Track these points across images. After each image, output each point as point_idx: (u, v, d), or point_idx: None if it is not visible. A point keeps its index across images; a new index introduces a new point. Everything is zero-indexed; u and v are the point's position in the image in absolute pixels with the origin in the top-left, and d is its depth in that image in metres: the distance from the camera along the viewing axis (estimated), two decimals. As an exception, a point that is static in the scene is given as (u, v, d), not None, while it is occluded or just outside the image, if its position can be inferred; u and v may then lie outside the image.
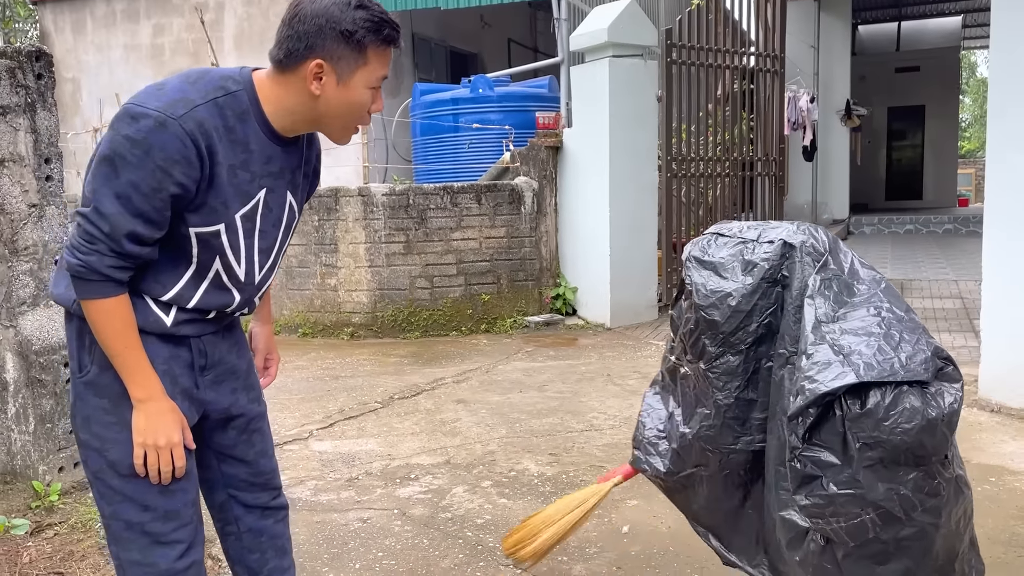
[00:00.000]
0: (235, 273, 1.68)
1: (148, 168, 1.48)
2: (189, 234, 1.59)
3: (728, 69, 7.41)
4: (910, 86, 17.98)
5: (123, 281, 1.55)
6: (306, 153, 1.79)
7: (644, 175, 6.91)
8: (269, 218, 1.69)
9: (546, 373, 5.32)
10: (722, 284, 1.91)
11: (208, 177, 1.55)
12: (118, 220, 1.49)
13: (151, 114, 1.49)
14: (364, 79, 1.59)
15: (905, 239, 12.87)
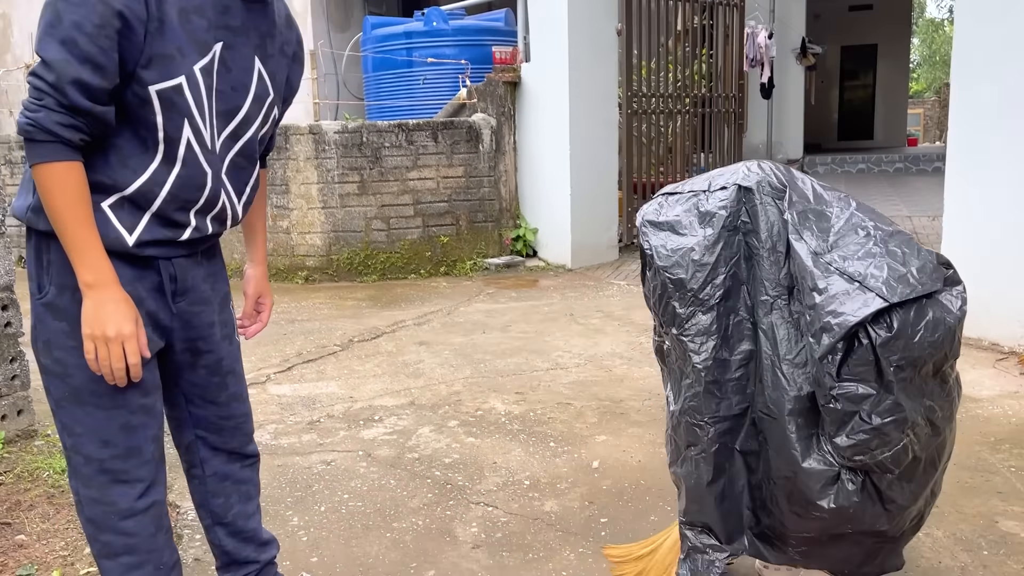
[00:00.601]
0: (204, 140, 1.53)
1: (90, 3, 1.35)
2: (150, 96, 1.44)
3: (688, 2, 7.26)
4: (863, 25, 17.98)
5: (74, 143, 1.41)
6: (281, 27, 1.65)
7: (604, 112, 6.78)
8: (227, 79, 1.54)
9: (509, 314, 5.24)
10: (681, 241, 1.82)
11: (157, 18, 1.41)
12: (63, 67, 1.36)
13: None
14: None
15: (858, 178, 12.99)
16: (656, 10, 7.10)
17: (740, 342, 1.80)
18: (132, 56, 1.41)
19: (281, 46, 1.66)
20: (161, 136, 1.48)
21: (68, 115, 1.38)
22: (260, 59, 1.60)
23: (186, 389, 1.72)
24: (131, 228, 1.51)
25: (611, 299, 5.57)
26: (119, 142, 1.48)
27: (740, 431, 1.83)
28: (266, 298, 1.91)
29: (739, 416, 1.82)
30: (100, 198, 1.49)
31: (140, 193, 1.50)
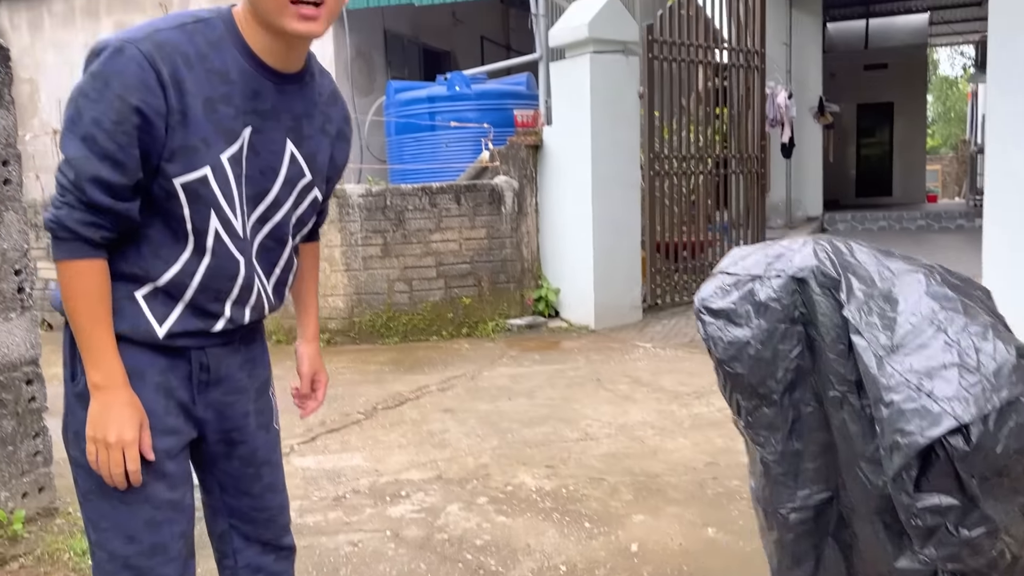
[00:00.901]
0: (235, 229, 1.48)
1: (107, 100, 1.33)
2: (175, 189, 1.40)
3: (709, 65, 7.30)
4: (878, 83, 18.11)
5: (95, 242, 1.39)
6: (322, 105, 1.59)
7: (627, 173, 6.77)
8: (256, 163, 1.48)
9: (534, 379, 5.15)
10: (738, 332, 1.72)
11: (179, 111, 1.37)
12: (82, 164, 1.34)
13: (110, 43, 1.35)
14: None
15: (879, 236, 12.91)
16: (677, 73, 7.14)
17: (814, 431, 1.69)
18: (155, 150, 1.38)
19: (322, 125, 1.60)
20: (189, 228, 1.44)
21: (88, 213, 1.36)
22: (293, 141, 1.54)
23: (220, 478, 1.65)
24: (163, 319, 1.47)
25: (638, 363, 5.47)
26: (150, 233, 1.45)
27: (830, 518, 1.73)
28: (321, 375, 1.84)
29: (826, 503, 1.72)
30: (133, 288, 1.46)
31: (172, 284, 1.46)
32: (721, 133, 7.53)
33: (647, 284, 7.03)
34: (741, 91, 7.57)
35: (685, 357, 5.59)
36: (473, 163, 7.32)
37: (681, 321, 6.79)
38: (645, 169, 6.93)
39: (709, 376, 5.02)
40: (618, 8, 6.64)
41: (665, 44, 6.93)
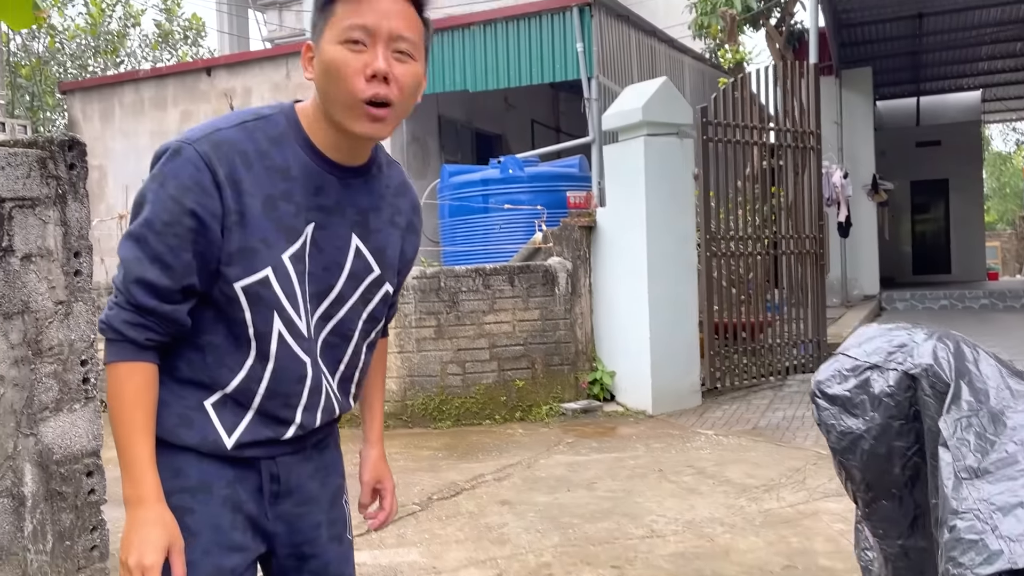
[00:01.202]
0: (299, 329, 1.42)
1: (162, 200, 1.31)
2: (236, 293, 1.36)
3: (764, 146, 7.26)
4: (932, 160, 17.91)
5: (141, 344, 1.34)
6: (390, 197, 1.53)
7: (683, 254, 6.68)
8: (319, 259, 1.43)
9: (592, 468, 4.99)
10: (852, 424, 1.65)
11: (236, 212, 1.33)
12: (131, 266, 1.33)
13: (170, 145, 1.35)
14: (332, 34, 1.33)
15: (942, 316, 12.54)
16: (732, 154, 7.11)
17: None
18: (212, 254, 1.34)
19: (391, 217, 1.54)
20: (251, 332, 1.39)
21: (135, 314, 1.34)
22: (359, 236, 1.48)
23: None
24: (232, 428, 1.42)
25: (701, 452, 5.27)
26: (215, 340, 1.41)
27: None
28: (386, 482, 1.73)
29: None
30: (203, 396, 1.42)
31: (239, 391, 1.41)
32: (777, 213, 7.43)
33: (705, 367, 6.86)
34: (797, 171, 7.49)
35: (750, 446, 5.38)
36: (526, 244, 7.31)
37: (742, 407, 6.58)
38: (701, 249, 6.84)
39: (777, 467, 4.82)
40: (671, 92, 6.67)
41: (720, 126, 6.92)
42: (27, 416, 2.93)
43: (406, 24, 1.35)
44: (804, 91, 7.54)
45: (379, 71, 1.32)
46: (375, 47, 1.33)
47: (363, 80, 1.32)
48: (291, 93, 9.31)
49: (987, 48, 15.23)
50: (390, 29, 1.33)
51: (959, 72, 16.83)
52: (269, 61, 9.35)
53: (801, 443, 5.37)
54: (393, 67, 1.34)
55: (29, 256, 2.90)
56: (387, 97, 1.34)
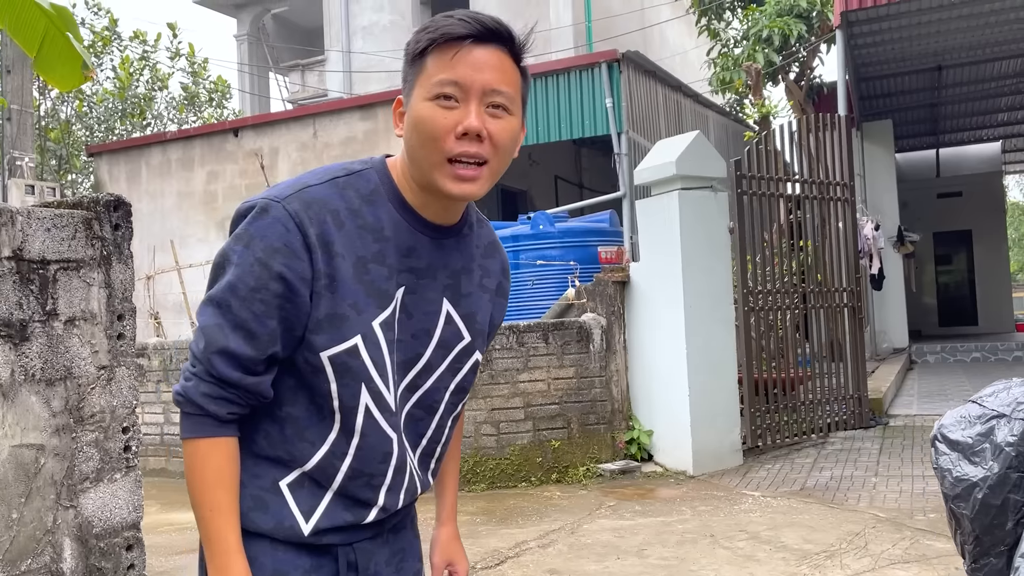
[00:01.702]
0: (386, 402, 1.30)
1: (247, 263, 1.21)
2: (322, 363, 1.25)
3: (799, 198, 7.16)
4: (954, 211, 17.80)
5: (222, 419, 1.24)
6: (480, 258, 1.42)
7: (720, 309, 6.54)
8: (408, 326, 1.32)
9: (640, 533, 4.78)
10: (969, 471, 1.58)
11: (327, 275, 1.22)
12: (212, 334, 1.22)
13: (256, 203, 1.24)
14: (422, 90, 1.23)
15: (975, 368, 12.27)
16: (767, 207, 7.02)
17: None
18: (299, 321, 1.24)
19: (481, 280, 1.43)
20: (336, 404, 1.28)
21: (216, 386, 1.23)
22: (450, 300, 1.37)
23: None
24: (309, 513, 1.30)
25: (751, 515, 5.05)
26: (295, 412, 1.29)
27: None
28: (459, 564, 1.60)
29: None
30: (279, 475, 1.29)
31: (320, 468, 1.29)
32: (814, 265, 7.30)
33: (746, 425, 6.65)
34: (831, 223, 7.38)
35: (801, 508, 5.15)
36: (558, 300, 7.19)
37: (786, 466, 6.35)
38: (739, 304, 6.70)
39: (834, 531, 4.60)
40: (704, 145, 6.61)
41: (754, 179, 6.84)
42: (67, 487, 2.80)
43: (501, 77, 1.25)
44: (835, 142, 7.47)
45: (471, 129, 1.22)
46: (468, 103, 1.23)
47: (453, 138, 1.22)
48: (318, 152, 9.37)
49: (1007, 99, 15.23)
50: (484, 83, 1.23)
51: (979, 123, 16.81)
52: (296, 121, 9.42)
53: (855, 505, 5.14)
54: (487, 123, 1.23)
55: (73, 320, 2.81)
56: (479, 155, 1.23)
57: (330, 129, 9.23)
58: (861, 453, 6.52)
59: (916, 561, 4.03)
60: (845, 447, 6.80)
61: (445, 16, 1.27)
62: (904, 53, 11.95)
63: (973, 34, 11.30)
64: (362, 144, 8.99)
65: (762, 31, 10.73)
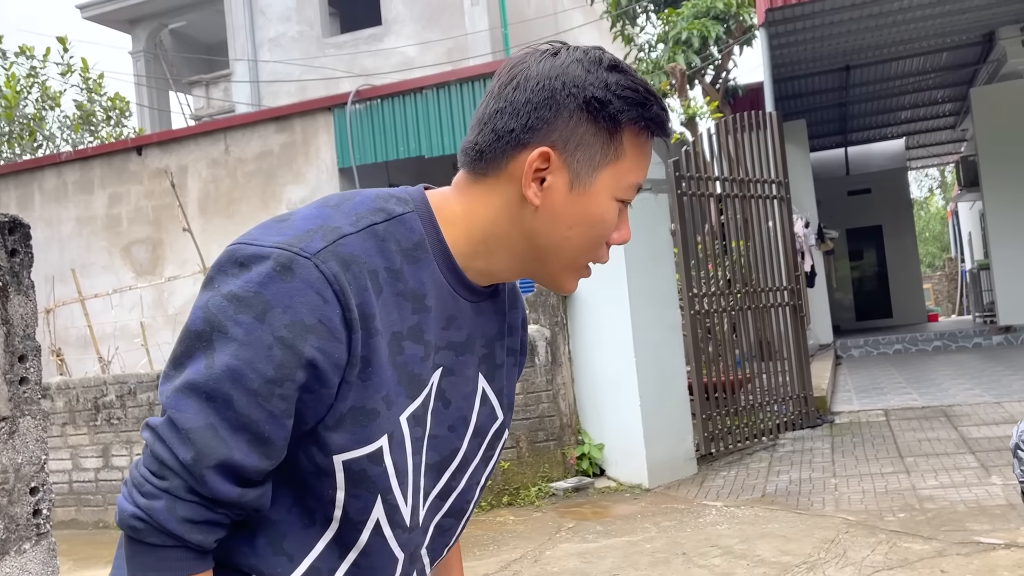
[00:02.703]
0: (401, 517, 0.97)
1: (262, 344, 0.85)
2: (333, 467, 0.91)
3: (737, 197, 7.06)
4: (864, 208, 18.31)
5: (204, 548, 0.88)
6: (509, 315, 1.11)
7: (667, 314, 6.35)
8: (444, 418, 1.01)
9: (608, 556, 4.50)
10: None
11: (361, 358, 0.89)
12: (206, 440, 0.85)
13: (269, 253, 0.87)
14: (612, 183, 0.95)
15: (900, 360, 12.53)
16: (707, 208, 6.88)
17: None
18: (315, 414, 0.90)
19: (510, 345, 1.12)
20: (337, 514, 0.94)
21: (204, 508, 0.88)
22: (485, 376, 1.07)
23: None
24: None
25: (718, 528, 4.84)
26: (271, 516, 0.95)
27: None
28: None
29: None
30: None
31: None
32: (754, 265, 7.20)
33: (699, 432, 6.47)
34: (769, 221, 7.31)
35: (768, 516, 4.97)
36: (498, 314, 6.89)
37: (741, 472, 6.19)
38: (685, 308, 6.52)
39: (808, 539, 4.41)
40: (643, 146, 6.43)
41: (693, 179, 6.69)
42: (-38, 569, 2.31)
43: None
44: (767, 141, 7.41)
45: (625, 242, 1.01)
46: (625, 210, 1.00)
47: (606, 245, 1.00)
48: (231, 169, 8.82)
49: (909, 97, 15.74)
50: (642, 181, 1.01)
51: (884, 122, 17.35)
52: (205, 136, 8.86)
53: (821, 509, 4.99)
54: None
55: (-38, 365, 2.34)
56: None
57: (243, 144, 8.71)
58: (814, 453, 6.42)
59: (899, 567, 3.86)
60: (796, 448, 6.70)
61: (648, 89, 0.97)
62: (816, 53, 12.16)
63: (880, 33, 11.57)
64: (279, 158, 8.51)
65: (681, 33, 10.72)
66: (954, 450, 5.95)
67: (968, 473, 5.32)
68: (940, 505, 4.75)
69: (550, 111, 0.93)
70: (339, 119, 8.14)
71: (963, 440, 6.20)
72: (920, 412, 7.37)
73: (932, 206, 38.84)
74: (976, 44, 12.99)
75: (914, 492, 5.07)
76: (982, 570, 3.70)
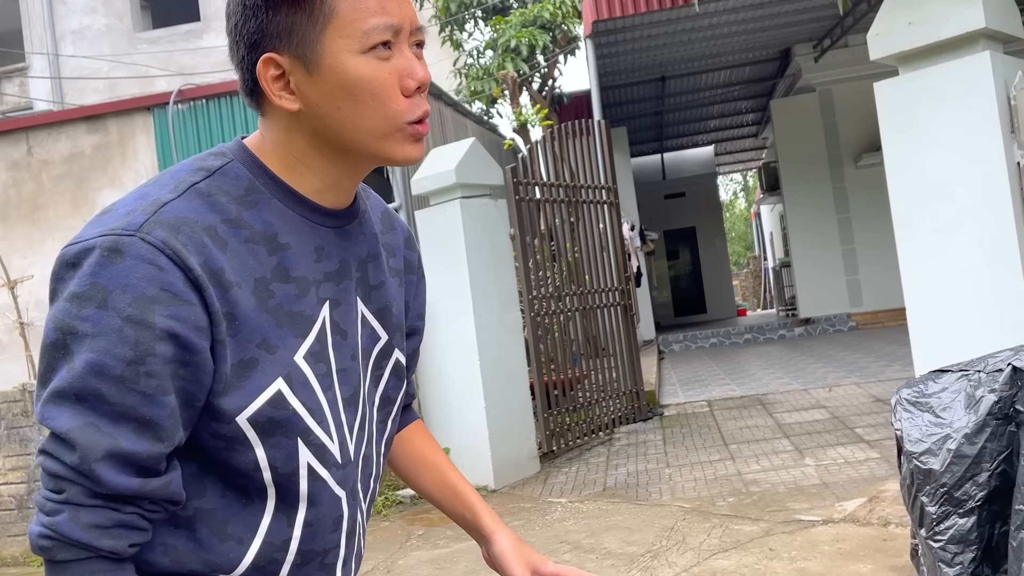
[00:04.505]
0: (331, 455, 0.98)
1: (111, 330, 0.84)
2: (240, 430, 0.91)
3: (573, 203, 7.30)
4: (679, 210, 19.50)
5: (121, 555, 0.85)
6: (384, 236, 1.12)
7: (509, 317, 6.48)
8: (345, 350, 1.01)
9: (460, 561, 4.53)
10: (939, 425, 1.53)
11: (226, 315, 0.88)
12: (88, 438, 0.83)
13: (94, 244, 0.87)
14: (345, 41, 0.92)
15: (716, 353, 13.41)
16: (545, 213, 7.07)
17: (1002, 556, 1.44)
18: (201, 386, 0.89)
19: (388, 263, 1.12)
20: (268, 477, 0.93)
21: (108, 509, 0.85)
22: (362, 298, 1.07)
23: None
24: None
25: (565, 524, 4.99)
26: (206, 505, 0.93)
27: None
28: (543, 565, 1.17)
29: None
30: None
31: (257, 568, 0.95)
32: (587, 268, 7.48)
33: (540, 431, 6.64)
34: (600, 226, 7.62)
35: (611, 509, 5.18)
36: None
37: (582, 468, 6.41)
38: (526, 311, 6.67)
39: (650, 529, 4.64)
40: (482, 152, 6.52)
41: (529, 185, 6.85)
42: None
43: (414, 9, 1.00)
44: (597, 147, 7.72)
45: (425, 81, 0.96)
46: (401, 47, 0.95)
47: (402, 96, 0.94)
48: (35, 172, 8.07)
49: (718, 107, 16.88)
50: (411, 19, 0.96)
51: (695, 130, 18.52)
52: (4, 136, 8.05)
53: (659, 499, 5.26)
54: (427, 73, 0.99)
55: None
56: (428, 111, 0.98)
57: (48, 145, 8.01)
58: (648, 446, 6.75)
59: (733, 548, 4.15)
60: (631, 441, 7.02)
61: None
62: (636, 64, 12.79)
63: (692, 47, 12.35)
64: (91, 160, 7.90)
65: (509, 41, 10.95)
66: (771, 435, 6.45)
67: (785, 456, 5.79)
68: (763, 488, 5.14)
69: (252, 20, 0.93)
70: (160, 119, 7.68)
71: (778, 426, 6.74)
72: (739, 401, 7.93)
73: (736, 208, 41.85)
74: (775, 60, 14.15)
75: (740, 477, 5.46)
76: (805, 546, 4.04)
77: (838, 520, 4.33)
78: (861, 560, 3.75)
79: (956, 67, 3.84)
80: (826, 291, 13.79)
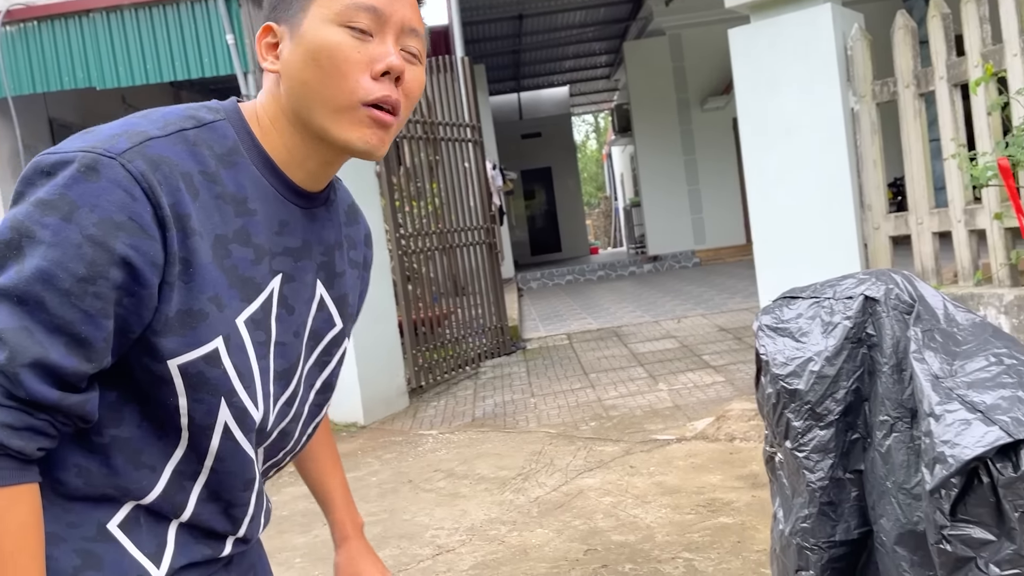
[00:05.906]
0: (251, 420, 1.01)
1: (71, 243, 0.85)
2: (169, 373, 0.93)
3: (438, 141, 7.30)
4: (536, 150, 19.79)
5: (28, 457, 0.87)
6: (346, 228, 1.17)
7: (376, 255, 6.46)
8: (288, 324, 1.05)
9: (337, 494, 4.58)
10: (801, 349, 1.73)
11: (181, 260, 0.91)
12: (18, 340, 0.84)
13: (73, 157, 0.87)
14: (324, 12, 0.96)
15: (572, 289, 13.88)
16: (409, 151, 7.04)
17: (860, 462, 1.70)
18: (138, 318, 0.91)
19: (349, 254, 1.18)
20: (184, 422, 0.97)
21: (22, 412, 0.85)
22: (324, 283, 1.11)
23: None
24: (157, 554, 1.00)
25: (438, 454, 5.14)
26: (123, 433, 0.96)
27: (860, 557, 1.72)
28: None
29: (858, 541, 1.71)
30: (104, 516, 0.96)
31: (164, 499, 0.99)
32: (453, 207, 7.54)
33: (409, 367, 6.73)
34: (465, 164, 7.68)
35: (481, 438, 5.38)
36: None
37: (450, 401, 6.58)
38: (393, 249, 6.68)
39: (519, 454, 4.88)
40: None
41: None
42: None
43: (417, 16, 1.02)
44: (461, 85, 7.73)
45: (395, 68, 0.97)
46: (384, 37, 0.98)
47: (369, 77, 0.97)
48: None
49: (573, 47, 17.13)
50: (403, 18, 0.99)
51: (551, 70, 18.73)
52: None
53: (526, 426, 5.51)
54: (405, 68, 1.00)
55: None
56: (397, 103, 0.99)
57: None
58: (513, 378, 6.99)
59: (598, 467, 4.43)
60: (497, 374, 7.25)
61: None
62: (492, 1, 12.74)
63: (551, -14, 12.44)
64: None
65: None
66: (627, 364, 6.84)
67: (640, 383, 6.17)
68: (622, 412, 5.48)
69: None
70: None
71: (633, 356, 7.14)
72: (596, 334, 8.32)
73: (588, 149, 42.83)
74: (628, 1, 14.48)
75: (600, 403, 5.78)
76: (662, 462, 4.38)
77: (690, 438, 4.71)
78: (711, 472, 4.11)
79: (801, 17, 4.14)
80: (673, 229, 14.50)
